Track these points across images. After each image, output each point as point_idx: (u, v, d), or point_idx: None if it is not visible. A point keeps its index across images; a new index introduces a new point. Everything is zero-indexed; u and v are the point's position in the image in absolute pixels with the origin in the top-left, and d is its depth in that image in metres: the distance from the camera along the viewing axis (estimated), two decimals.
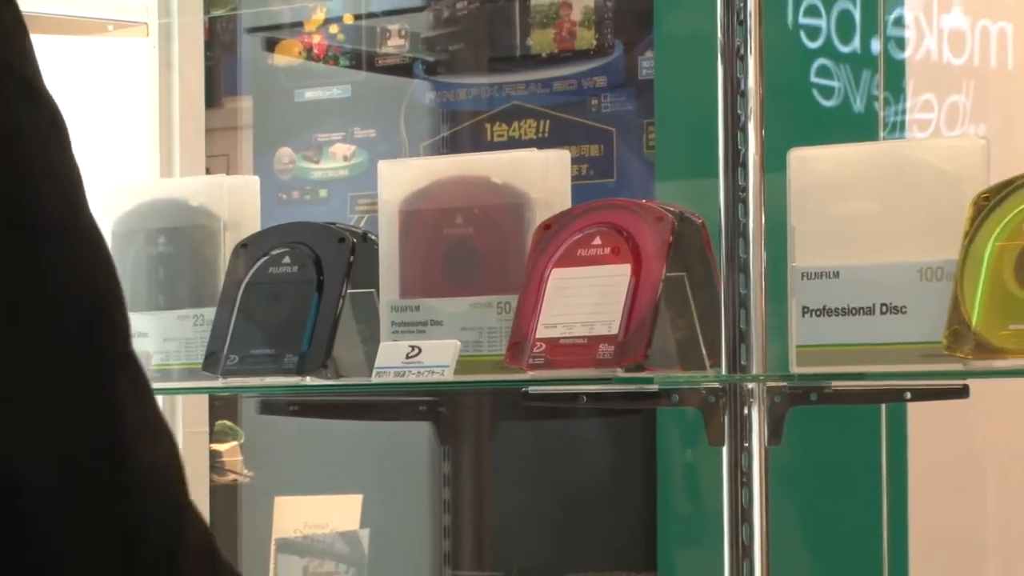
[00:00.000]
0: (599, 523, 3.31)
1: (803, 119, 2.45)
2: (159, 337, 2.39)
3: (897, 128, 2.64)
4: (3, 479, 0.84)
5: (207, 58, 2.71)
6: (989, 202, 1.90)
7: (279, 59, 3.51)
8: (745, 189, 2.04)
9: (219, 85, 3.35)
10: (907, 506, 2.60)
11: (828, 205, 2.01)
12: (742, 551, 2.04)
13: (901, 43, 2.65)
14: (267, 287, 2.30)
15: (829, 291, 2.00)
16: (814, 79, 2.58)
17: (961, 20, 2.76)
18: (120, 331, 0.88)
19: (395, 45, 3.40)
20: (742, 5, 2.02)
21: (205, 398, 2.79)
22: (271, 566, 3.05)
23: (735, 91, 2.04)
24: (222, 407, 2.98)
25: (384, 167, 2.26)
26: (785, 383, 2.02)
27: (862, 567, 2.61)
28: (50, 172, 0.90)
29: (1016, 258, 1.90)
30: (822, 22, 2.59)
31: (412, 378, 2.08)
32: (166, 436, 0.90)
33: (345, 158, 3.41)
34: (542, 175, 2.09)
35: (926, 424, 2.59)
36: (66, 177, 0.90)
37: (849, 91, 2.60)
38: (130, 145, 2.72)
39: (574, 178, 2.19)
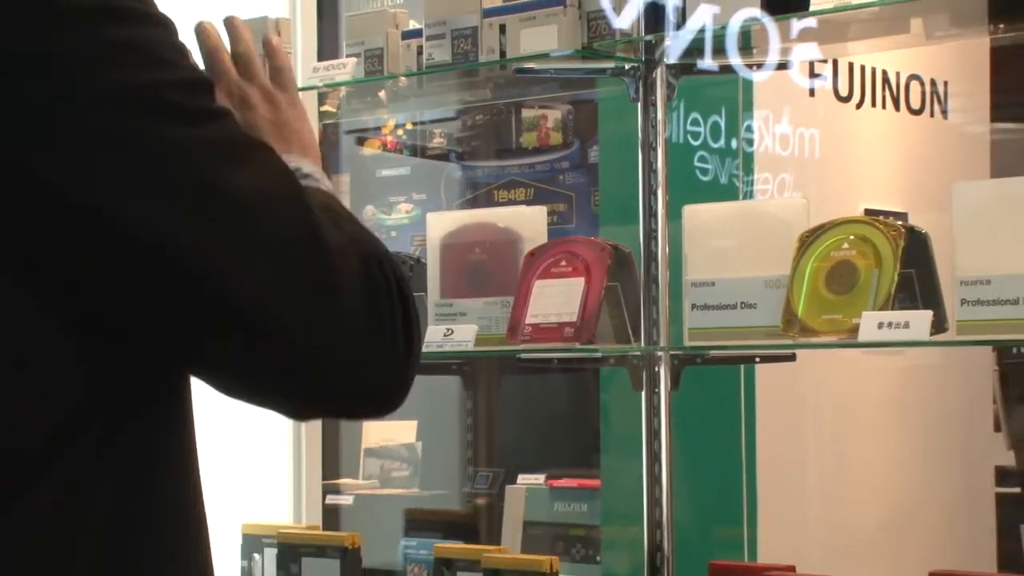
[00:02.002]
0: (564, 439, 3.31)
1: (690, 188, 2.48)
2: None
3: (748, 194, 2.66)
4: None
5: (320, 150, 2.70)
6: (808, 238, 1.91)
7: (366, 150, 3.49)
8: (656, 231, 2.07)
9: (329, 167, 3.36)
10: (755, 428, 2.62)
11: (708, 241, 2.03)
12: (654, 458, 2.04)
13: (751, 142, 2.68)
14: None
15: (708, 294, 1.98)
16: (696, 163, 2.63)
17: (787, 128, 2.78)
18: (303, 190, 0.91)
19: (438, 142, 3.41)
20: (654, 117, 2.02)
21: None
22: (360, 464, 3.02)
23: (649, 169, 2.09)
24: None
25: (430, 217, 2.32)
26: (681, 352, 2.03)
27: (729, 462, 2.60)
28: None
29: (826, 274, 1.86)
30: (701, 129, 2.64)
31: (448, 348, 2.10)
32: (348, 223, 0.93)
33: (406, 212, 3.43)
34: (529, 222, 2.20)
35: (768, 378, 2.62)
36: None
37: (718, 171, 2.66)
38: None
39: (548, 224, 2.25)
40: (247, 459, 2.51)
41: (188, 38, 0.89)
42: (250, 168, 0.86)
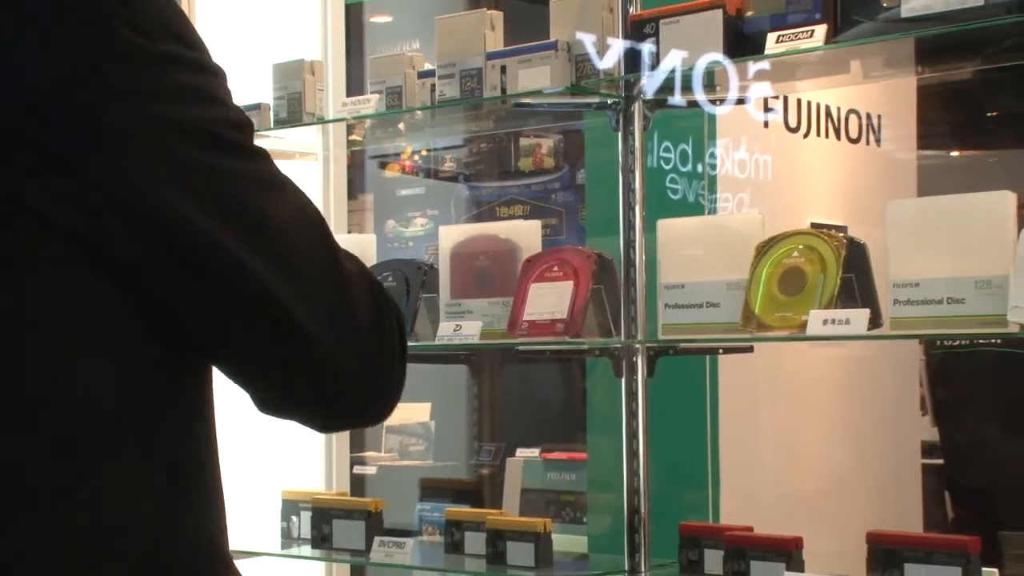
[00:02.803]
0: (555, 418, 3.30)
1: (663, 205, 2.47)
2: None
3: (712, 211, 2.66)
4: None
5: (348, 172, 2.68)
6: (763, 248, 1.91)
7: (387, 173, 3.49)
8: (634, 241, 2.05)
9: (356, 187, 3.34)
10: (719, 409, 2.61)
11: (679, 250, 2.02)
12: (632, 435, 2.03)
13: (714, 166, 2.67)
14: None
15: (679, 295, 1.98)
16: (668, 184, 2.61)
17: (745, 154, 2.78)
18: (327, 227, 0.92)
19: (448, 166, 3.40)
20: (632, 145, 2.03)
21: None
22: (383, 440, 3.01)
23: (628, 189, 2.07)
24: None
25: (442, 230, 2.31)
26: (655, 344, 2.02)
27: (696, 438, 2.57)
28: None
29: (778, 278, 1.86)
30: (672, 155, 2.62)
31: (457, 341, 2.11)
32: (354, 259, 0.93)
33: (422, 225, 3.42)
34: (526, 234, 2.19)
35: (729, 367, 2.61)
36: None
37: (687, 191, 2.64)
38: None
39: (542, 236, 2.25)
40: (286, 437, 2.51)
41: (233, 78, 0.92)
42: (284, 199, 0.88)
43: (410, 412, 3.10)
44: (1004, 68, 1.89)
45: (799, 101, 2.88)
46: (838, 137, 3.04)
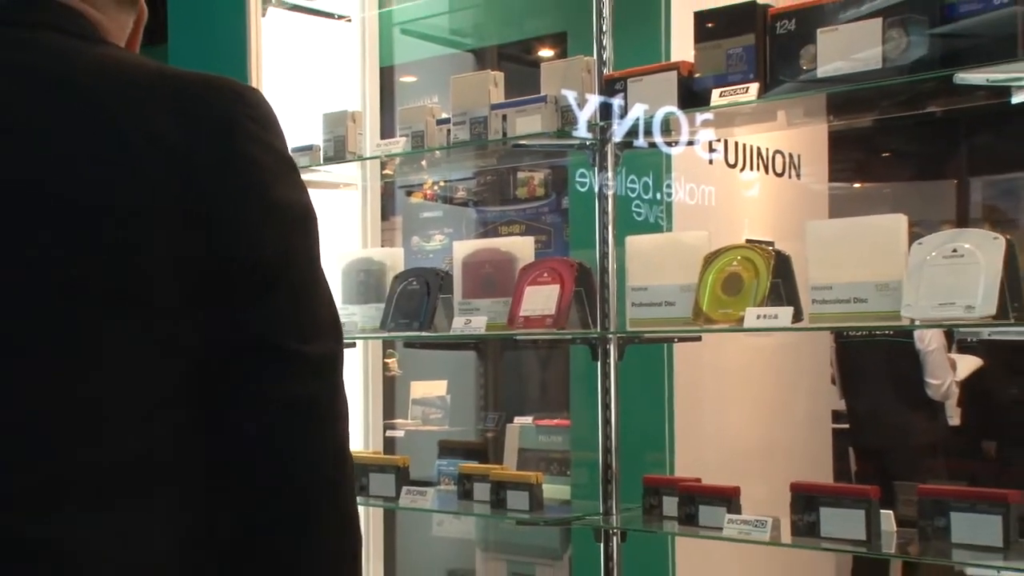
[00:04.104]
0: (545, 393, 3.25)
1: (630, 225, 2.44)
2: (364, 315, 2.32)
3: (669, 229, 2.61)
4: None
5: (381, 199, 2.64)
6: (710, 258, 1.88)
7: (412, 199, 3.44)
8: (608, 254, 2.04)
9: (387, 210, 3.30)
10: (674, 386, 2.57)
11: (644, 259, 1.98)
12: (606, 406, 2.02)
13: (669, 194, 2.63)
14: (406, 293, 2.20)
15: (643, 296, 1.96)
16: (634, 209, 2.58)
17: (693, 185, 2.72)
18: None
19: (461, 194, 3.36)
20: (606, 178, 2.04)
21: (380, 341, 2.71)
22: (409, 410, 2.99)
23: (603, 212, 2.05)
24: (388, 344, 2.90)
25: (455, 245, 2.27)
26: (624, 335, 2.01)
27: (656, 409, 2.53)
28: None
29: (721, 282, 1.84)
30: (637, 186, 2.60)
31: (467, 332, 2.12)
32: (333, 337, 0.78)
33: (439, 241, 3.36)
34: (522, 248, 2.19)
35: (682, 353, 2.58)
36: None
37: (648, 214, 2.61)
38: (351, 235, 2.65)
39: (535, 249, 2.24)
40: None
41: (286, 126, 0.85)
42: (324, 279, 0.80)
43: (430, 388, 3.07)
44: (896, 117, 1.89)
45: (736, 143, 2.86)
46: (767, 172, 3.03)
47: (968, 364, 4.04)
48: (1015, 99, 1.57)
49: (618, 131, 1.95)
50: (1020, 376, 5.17)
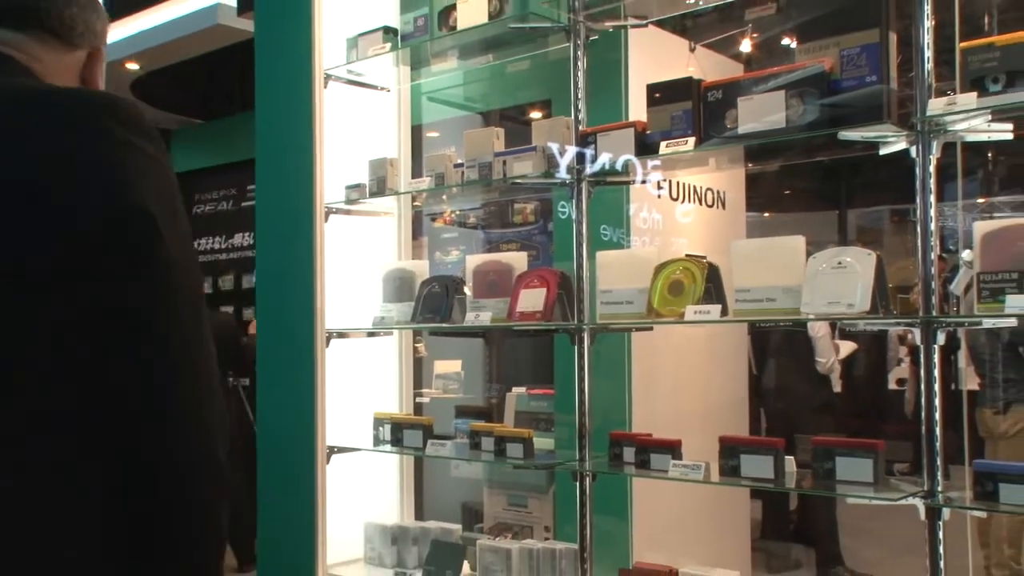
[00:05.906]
0: (536, 369, 3.19)
1: (599, 243, 2.40)
2: (399, 311, 2.27)
3: (628, 246, 2.57)
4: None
5: (412, 224, 2.58)
6: (659, 268, 1.86)
7: (436, 224, 3.41)
8: (582, 265, 2.00)
9: (417, 232, 3.26)
10: (632, 365, 2.54)
11: (614, 269, 1.93)
12: (582, 380, 1.98)
13: (629, 220, 2.59)
14: (430, 295, 2.18)
15: (609, 296, 1.92)
16: (602, 231, 2.54)
17: (647, 213, 2.67)
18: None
19: (472, 220, 3.33)
20: (581, 207, 2.00)
21: (411, 331, 2.68)
22: (433, 382, 2.95)
23: (579, 234, 2.02)
24: (417, 333, 2.85)
25: (468, 258, 2.22)
26: (595, 326, 1.96)
27: (619, 382, 2.42)
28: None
29: (668, 286, 1.82)
30: (603, 213, 2.54)
31: (477, 324, 2.07)
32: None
33: (456, 255, 3.34)
34: (518, 260, 2.16)
35: (639, 340, 2.55)
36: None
37: (612, 235, 2.57)
38: (389, 251, 2.59)
39: (528, 261, 2.19)
40: (375, 382, 2.48)
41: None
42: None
43: (449, 366, 3.01)
44: (796, 164, 1.91)
45: (679, 182, 2.84)
46: (700, 203, 3.00)
47: (847, 347, 4.20)
48: (883, 151, 1.58)
49: (590, 172, 1.93)
50: (882, 355, 5.46)
